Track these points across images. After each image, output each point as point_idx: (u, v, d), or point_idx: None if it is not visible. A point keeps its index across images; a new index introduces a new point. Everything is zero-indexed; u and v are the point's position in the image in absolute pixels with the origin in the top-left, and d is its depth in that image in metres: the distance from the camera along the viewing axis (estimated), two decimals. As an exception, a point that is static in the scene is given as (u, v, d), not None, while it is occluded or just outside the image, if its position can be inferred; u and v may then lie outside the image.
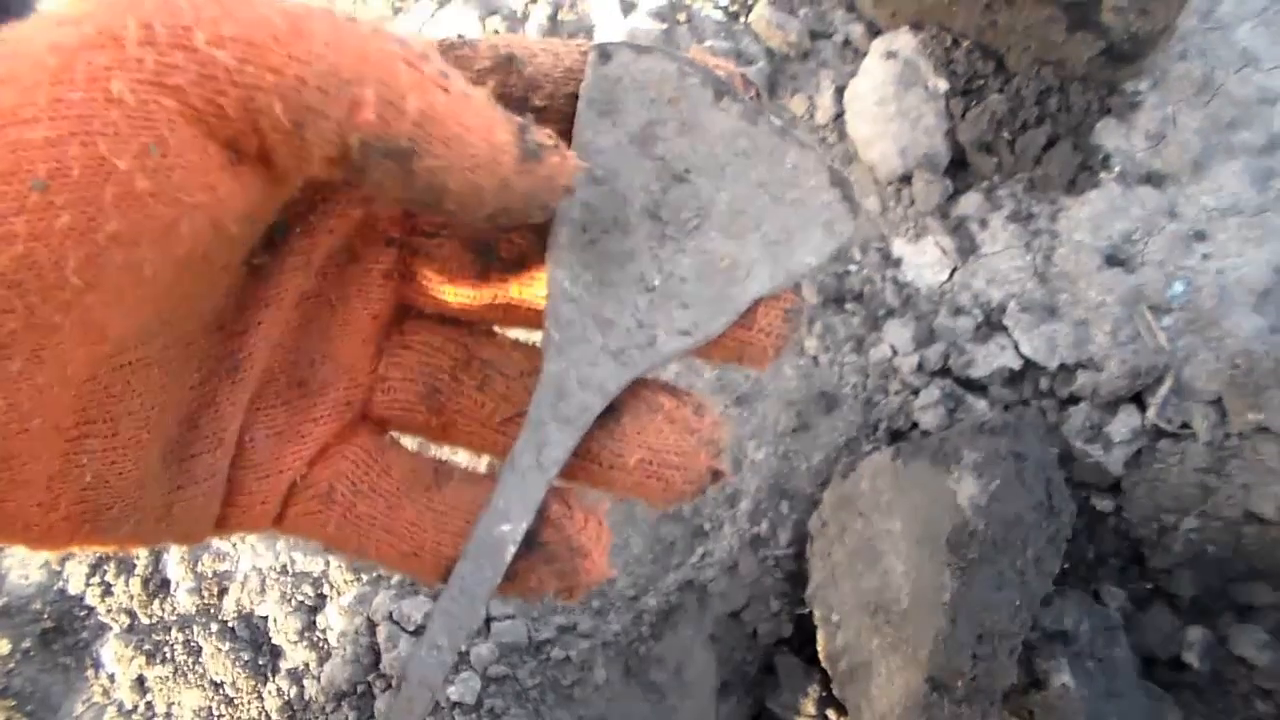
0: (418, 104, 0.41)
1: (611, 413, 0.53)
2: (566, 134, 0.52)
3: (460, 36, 0.52)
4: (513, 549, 0.51)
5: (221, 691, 2.39)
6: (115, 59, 0.38)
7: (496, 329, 0.61)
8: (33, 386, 0.41)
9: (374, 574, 2.37)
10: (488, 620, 2.27)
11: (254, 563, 2.48)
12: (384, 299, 0.58)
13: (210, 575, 2.49)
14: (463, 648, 0.51)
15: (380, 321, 0.58)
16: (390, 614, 2.29)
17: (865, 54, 2.66)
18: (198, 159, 0.40)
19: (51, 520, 0.46)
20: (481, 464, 1.49)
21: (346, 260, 0.55)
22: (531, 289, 0.56)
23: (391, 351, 0.59)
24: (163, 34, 0.39)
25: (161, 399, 0.48)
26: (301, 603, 2.41)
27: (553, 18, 2.92)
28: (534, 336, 0.56)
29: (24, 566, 2.56)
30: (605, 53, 0.51)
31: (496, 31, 2.93)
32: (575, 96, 0.52)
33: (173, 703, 2.41)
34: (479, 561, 0.51)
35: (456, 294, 0.58)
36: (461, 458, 0.76)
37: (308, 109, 0.40)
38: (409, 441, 0.62)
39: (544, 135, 0.46)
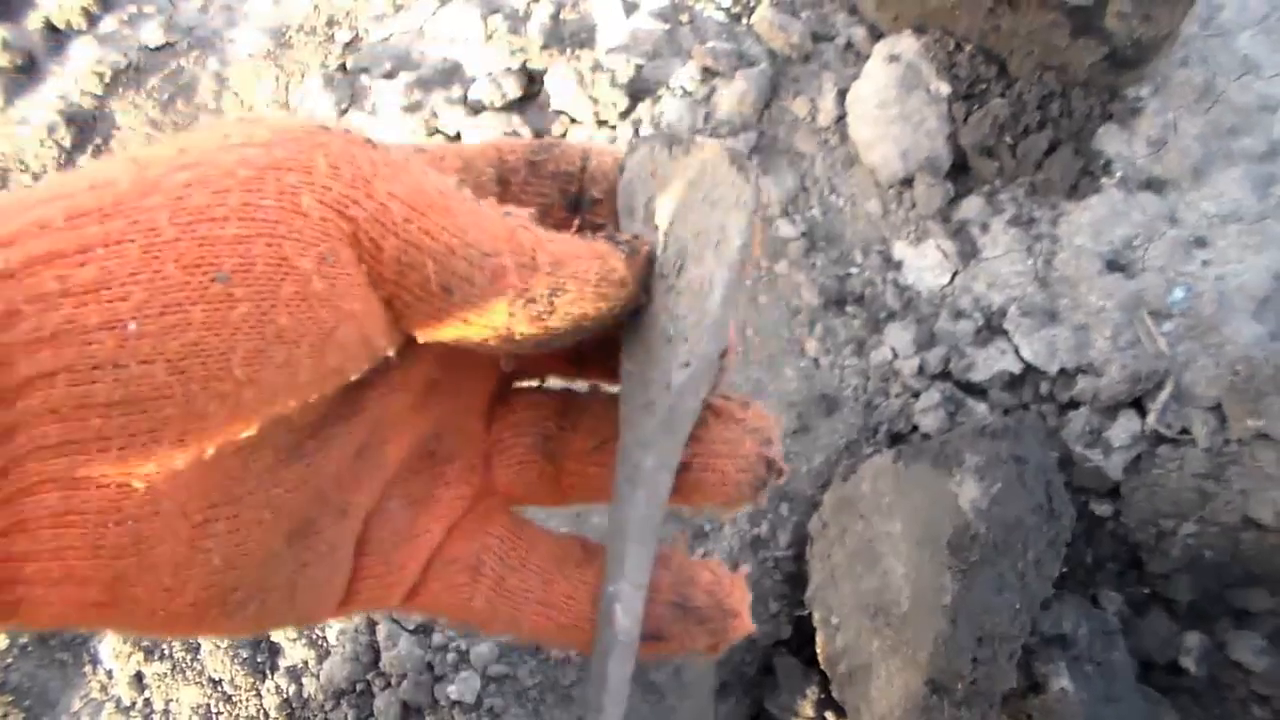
0: (545, 257, 0.48)
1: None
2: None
3: (554, 139, 0.61)
4: (637, 615, 0.55)
5: (220, 689, 2.39)
6: (304, 181, 0.43)
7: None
8: (170, 471, 0.43)
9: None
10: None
11: (253, 560, 2.48)
12: (493, 377, 0.62)
13: (208, 572, 2.49)
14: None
15: (492, 393, 0.63)
16: (390, 612, 2.29)
17: (867, 57, 2.66)
18: (358, 276, 0.44)
19: (178, 606, 0.47)
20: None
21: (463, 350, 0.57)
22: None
23: (501, 416, 0.63)
24: (347, 174, 0.43)
25: (286, 479, 0.49)
26: (300, 600, 2.42)
27: (555, 16, 2.93)
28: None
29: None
30: (631, 147, 0.58)
31: (513, 53, 2.94)
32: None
33: (171, 699, 2.40)
34: (617, 622, 0.55)
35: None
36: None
37: (455, 275, 0.45)
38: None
39: (623, 235, 0.54)
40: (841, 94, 2.68)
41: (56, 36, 3.28)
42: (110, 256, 0.40)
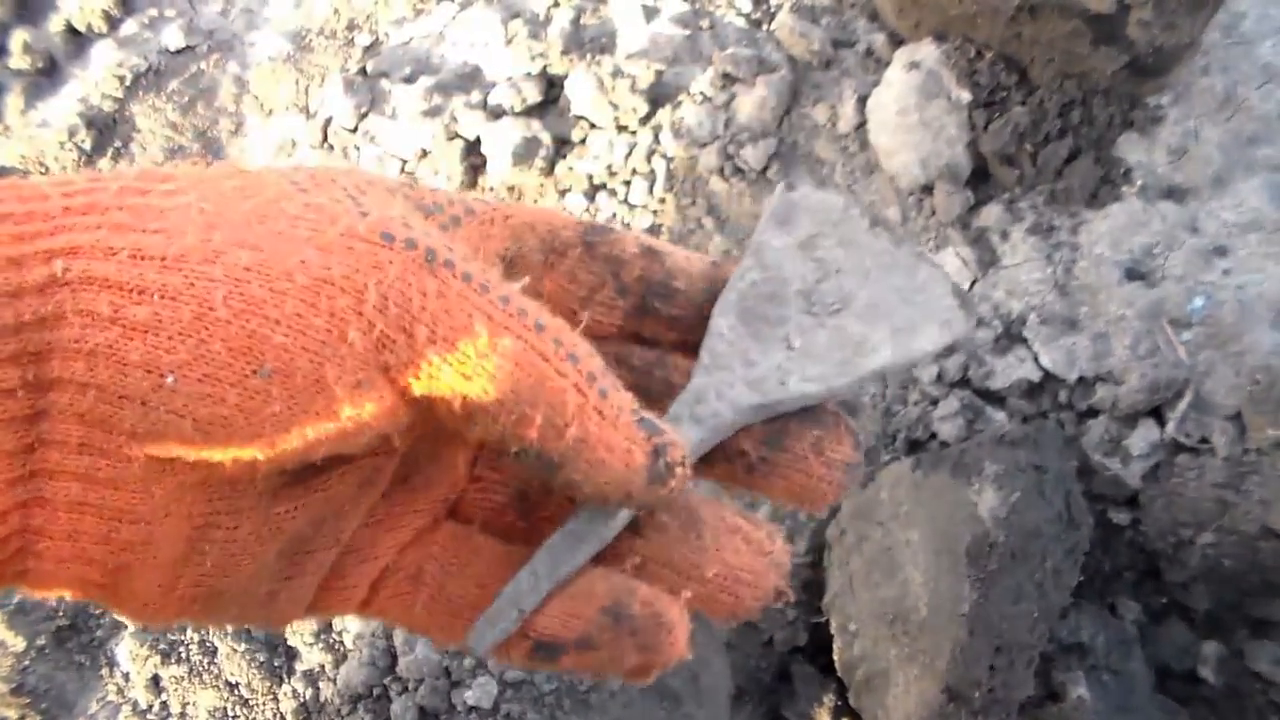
0: (576, 432, 0.49)
1: (694, 526, 0.58)
2: (692, 324, 0.62)
3: (606, 224, 0.62)
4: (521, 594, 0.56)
5: (237, 692, 2.39)
6: (354, 309, 0.45)
7: None
8: (178, 484, 0.47)
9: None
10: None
11: (270, 563, 2.48)
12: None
13: (226, 575, 2.50)
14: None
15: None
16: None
17: (888, 64, 2.66)
18: (389, 398, 0.47)
19: (167, 600, 0.51)
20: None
21: None
22: None
23: (489, 455, 0.63)
24: (393, 312, 0.46)
25: (288, 501, 0.51)
26: (317, 604, 2.42)
27: (575, 21, 2.93)
28: None
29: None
30: (791, 185, 0.64)
31: (533, 58, 2.94)
32: (707, 291, 0.61)
33: (188, 703, 2.41)
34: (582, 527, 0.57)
35: None
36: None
37: (484, 412, 0.47)
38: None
39: (677, 454, 0.52)
40: (862, 101, 2.68)
41: (77, 39, 3.30)
42: (164, 308, 0.43)
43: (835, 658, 2.19)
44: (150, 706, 2.43)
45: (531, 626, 0.56)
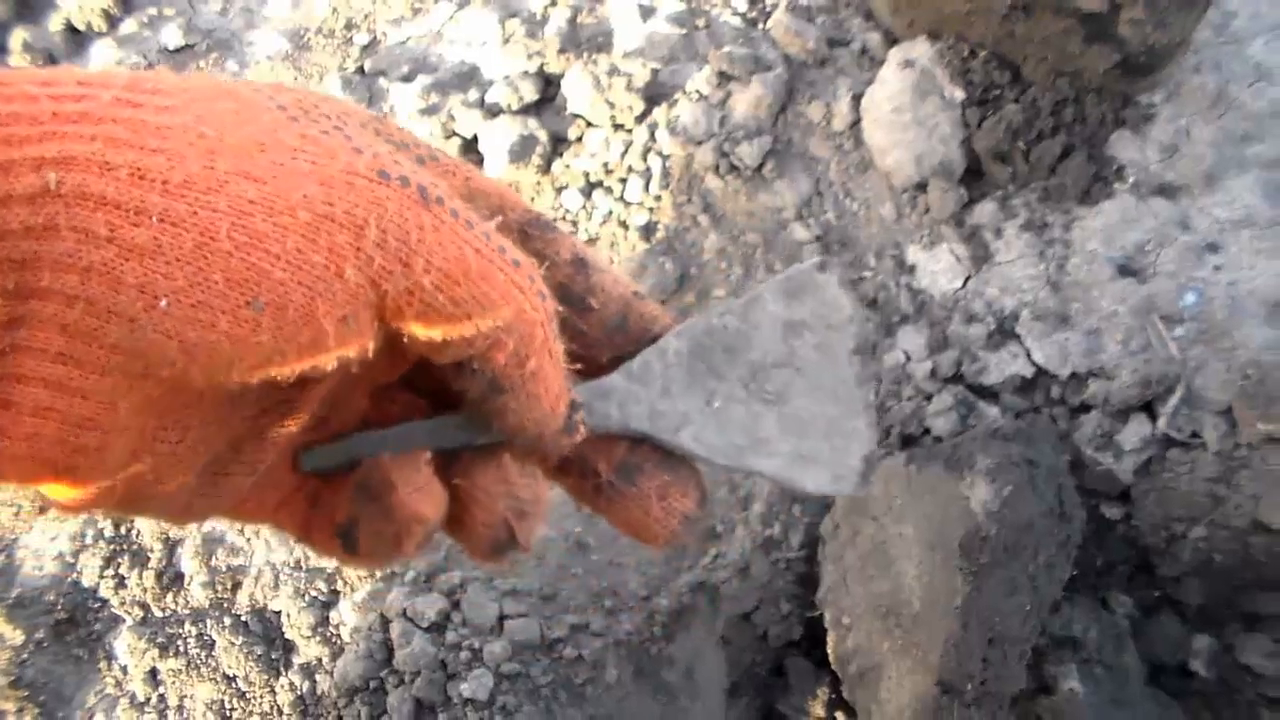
0: (534, 365, 0.54)
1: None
2: (594, 342, 0.64)
3: (556, 222, 0.65)
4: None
5: (234, 685, 2.40)
6: (353, 244, 0.47)
7: None
8: (144, 398, 0.48)
9: (388, 571, 2.39)
10: (501, 618, 2.29)
11: (268, 557, 2.49)
12: (400, 369, 0.65)
13: (224, 569, 2.51)
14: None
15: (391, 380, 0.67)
16: (404, 611, 2.30)
17: (882, 62, 2.68)
18: (368, 332, 0.50)
19: (98, 497, 0.52)
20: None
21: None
22: None
23: (387, 394, 0.67)
24: (392, 244, 0.48)
25: (220, 420, 0.54)
26: (315, 598, 2.43)
27: (572, 20, 2.94)
28: None
29: (38, 558, 2.58)
30: (824, 265, 0.66)
31: (530, 57, 2.95)
32: (619, 317, 0.64)
33: (185, 695, 2.42)
34: None
35: None
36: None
37: (463, 337, 0.51)
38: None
39: (582, 415, 0.60)
40: (856, 99, 2.70)
41: (77, 38, 3.31)
42: (164, 233, 0.44)
43: (829, 651, 2.20)
44: (148, 699, 2.43)
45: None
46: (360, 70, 3.10)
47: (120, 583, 2.52)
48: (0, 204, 0.42)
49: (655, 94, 2.77)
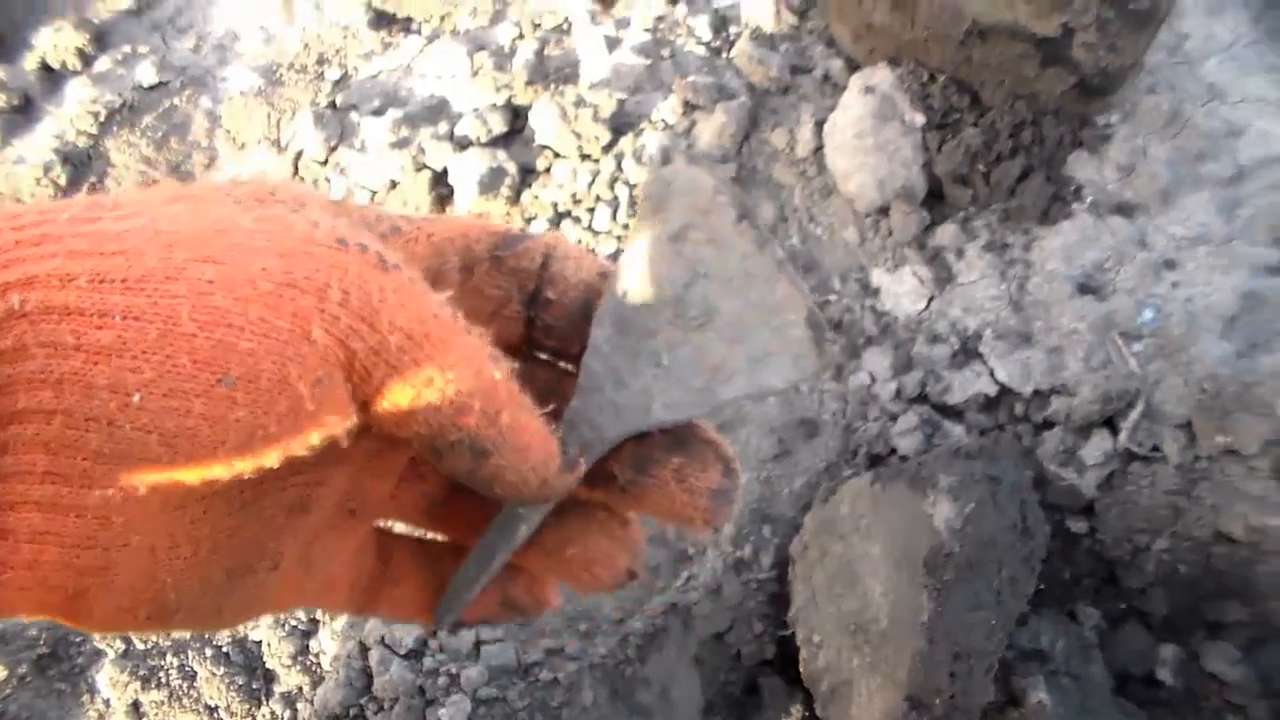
0: (508, 419, 0.54)
1: (559, 516, 0.65)
2: (565, 334, 0.64)
3: (523, 230, 0.65)
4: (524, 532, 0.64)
5: (216, 716, 2.42)
6: (317, 307, 0.47)
7: None
8: (144, 514, 0.48)
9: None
10: (477, 644, 2.31)
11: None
12: (403, 453, 0.67)
13: (205, 601, 2.52)
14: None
15: (407, 461, 0.68)
16: (382, 638, 2.33)
17: (844, 89, 2.71)
18: (343, 395, 0.50)
19: (122, 618, 0.53)
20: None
21: None
22: None
23: (407, 479, 0.69)
24: (356, 304, 0.48)
25: (232, 528, 0.54)
26: (295, 627, 2.45)
27: (539, 53, 2.98)
28: None
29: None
30: (667, 159, 0.61)
31: (498, 89, 2.98)
32: (582, 301, 0.63)
33: (168, 727, 2.44)
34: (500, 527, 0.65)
35: None
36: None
37: (430, 402, 0.51)
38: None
39: (576, 450, 0.60)
40: (819, 125, 2.73)
41: (52, 77, 3.33)
42: (128, 329, 0.44)
43: (801, 669, 2.21)
44: (131, 732, 2.45)
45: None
46: (332, 105, 3.13)
47: (102, 617, 2.53)
48: None
49: (621, 124, 2.80)
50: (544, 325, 0.64)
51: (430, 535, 0.74)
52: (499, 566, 0.66)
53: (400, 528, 0.72)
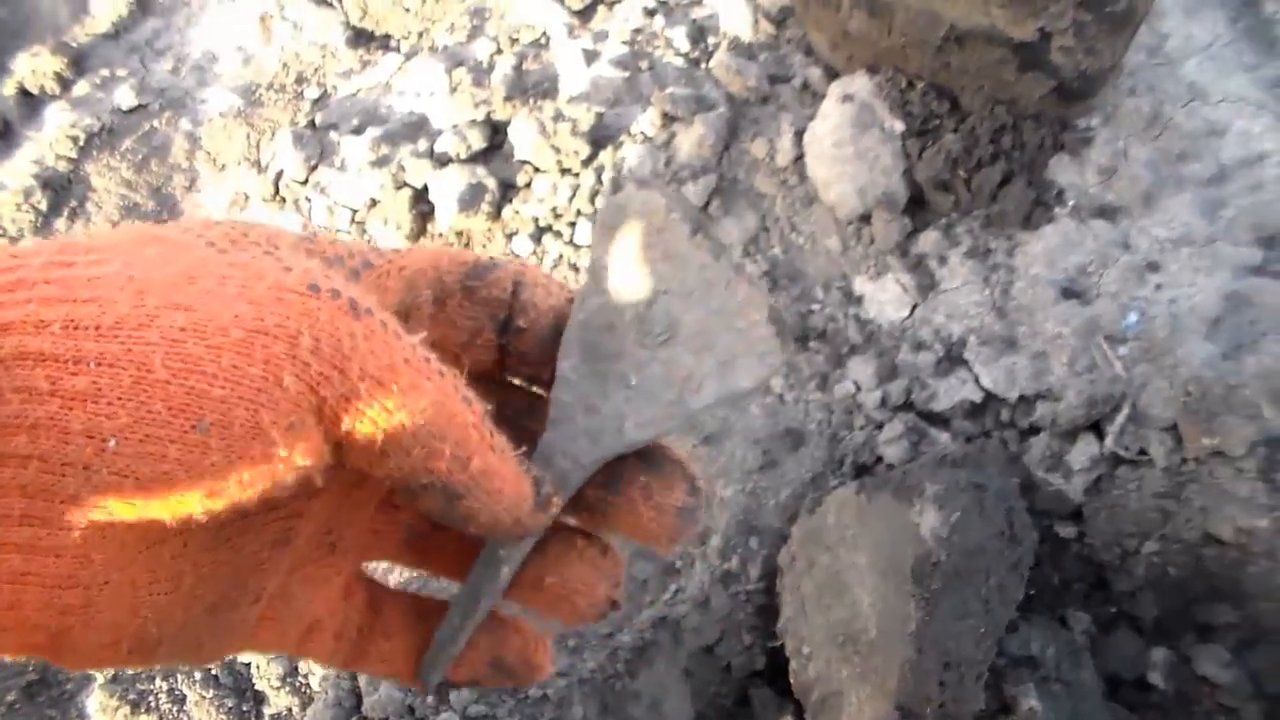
0: (479, 464, 0.54)
1: (540, 547, 0.65)
2: (537, 361, 0.64)
3: (492, 259, 0.64)
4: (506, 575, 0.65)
5: (206, 740, 2.41)
6: (288, 354, 0.48)
7: None
8: (123, 551, 0.49)
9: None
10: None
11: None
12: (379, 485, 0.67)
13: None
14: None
15: (384, 494, 0.68)
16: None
17: (823, 97, 2.71)
18: (316, 438, 0.50)
19: (105, 654, 0.53)
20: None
21: None
22: None
23: (385, 511, 0.70)
24: (327, 351, 0.49)
25: (213, 563, 0.54)
26: (283, 650, 2.44)
27: (517, 68, 2.98)
28: None
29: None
30: (617, 184, 0.63)
31: (477, 105, 2.98)
32: (552, 327, 0.63)
33: (158, 752, 2.43)
34: (481, 574, 0.66)
35: None
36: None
37: (400, 447, 0.51)
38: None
39: (550, 487, 0.61)
40: (799, 134, 2.73)
41: (30, 101, 3.33)
42: (102, 375, 0.45)
43: (791, 680, 2.21)
44: (120, 758, 2.44)
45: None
46: (312, 124, 3.13)
47: (89, 643, 2.52)
48: None
49: (601, 137, 2.80)
50: (517, 353, 0.64)
51: (417, 571, 0.76)
52: (483, 614, 0.66)
53: (393, 580, 0.73)
